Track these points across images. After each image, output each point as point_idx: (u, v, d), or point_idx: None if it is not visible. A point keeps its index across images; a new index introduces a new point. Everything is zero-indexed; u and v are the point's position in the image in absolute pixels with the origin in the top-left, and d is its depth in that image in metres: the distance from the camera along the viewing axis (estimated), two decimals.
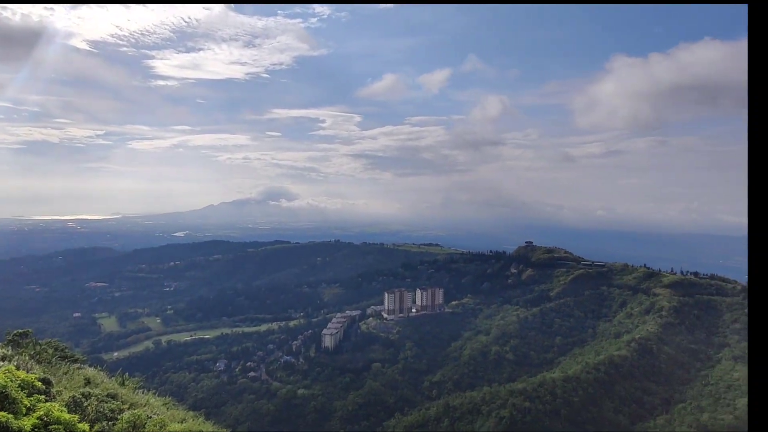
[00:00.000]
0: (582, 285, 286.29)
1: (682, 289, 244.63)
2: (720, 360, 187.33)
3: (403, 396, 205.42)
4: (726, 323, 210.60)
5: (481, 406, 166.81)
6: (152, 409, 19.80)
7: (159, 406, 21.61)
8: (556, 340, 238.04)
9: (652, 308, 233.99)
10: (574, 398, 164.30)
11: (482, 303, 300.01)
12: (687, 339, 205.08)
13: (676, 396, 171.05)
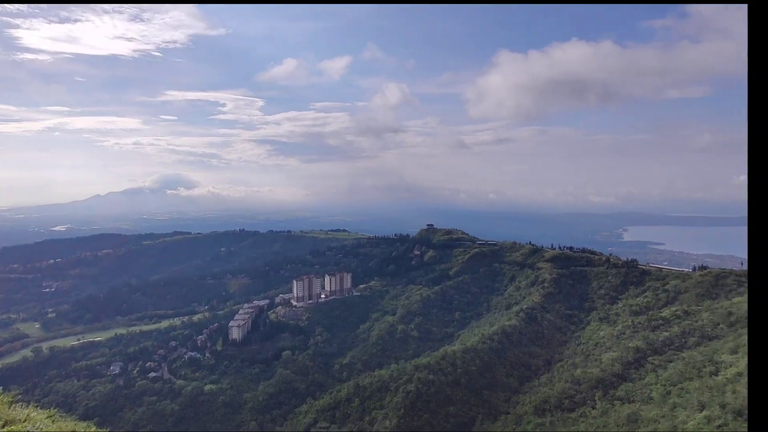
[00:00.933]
0: (477, 263, 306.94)
1: (560, 262, 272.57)
2: (589, 322, 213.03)
3: (315, 381, 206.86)
4: (594, 290, 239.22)
5: (389, 383, 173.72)
6: (33, 424, 18.34)
7: (42, 420, 20.00)
8: (455, 315, 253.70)
9: (537, 281, 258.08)
10: (472, 367, 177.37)
11: (388, 285, 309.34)
12: (564, 306, 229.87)
13: (556, 356, 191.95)
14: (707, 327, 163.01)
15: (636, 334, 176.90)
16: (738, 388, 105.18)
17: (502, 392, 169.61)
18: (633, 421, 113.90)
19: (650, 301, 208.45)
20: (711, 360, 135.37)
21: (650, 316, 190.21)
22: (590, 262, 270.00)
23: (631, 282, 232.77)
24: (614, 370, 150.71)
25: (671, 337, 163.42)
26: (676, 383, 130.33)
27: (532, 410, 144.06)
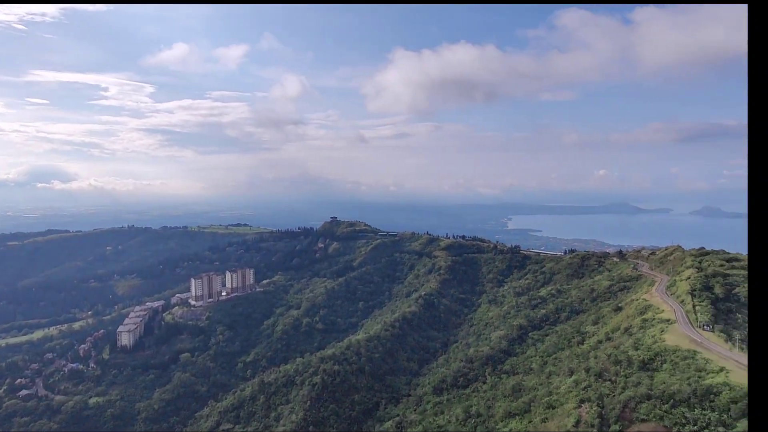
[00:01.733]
0: (379, 253, 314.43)
1: (454, 250, 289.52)
2: (480, 304, 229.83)
3: (217, 382, 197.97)
4: (483, 275, 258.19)
5: (295, 377, 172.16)
6: None
7: None
8: (359, 305, 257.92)
9: (434, 268, 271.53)
10: (376, 354, 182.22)
11: (293, 279, 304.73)
12: (458, 291, 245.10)
13: (452, 338, 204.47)
14: (575, 303, 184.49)
15: (519, 312, 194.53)
16: (599, 354, 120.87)
17: (404, 376, 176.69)
18: (517, 391, 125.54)
19: (530, 282, 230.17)
20: (578, 331, 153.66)
21: (531, 296, 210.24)
22: (480, 250, 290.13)
23: (515, 266, 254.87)
24: (501, 346, 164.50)
25: (547, 314, 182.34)
26: (551, 354, 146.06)
27: (431, 390, 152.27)
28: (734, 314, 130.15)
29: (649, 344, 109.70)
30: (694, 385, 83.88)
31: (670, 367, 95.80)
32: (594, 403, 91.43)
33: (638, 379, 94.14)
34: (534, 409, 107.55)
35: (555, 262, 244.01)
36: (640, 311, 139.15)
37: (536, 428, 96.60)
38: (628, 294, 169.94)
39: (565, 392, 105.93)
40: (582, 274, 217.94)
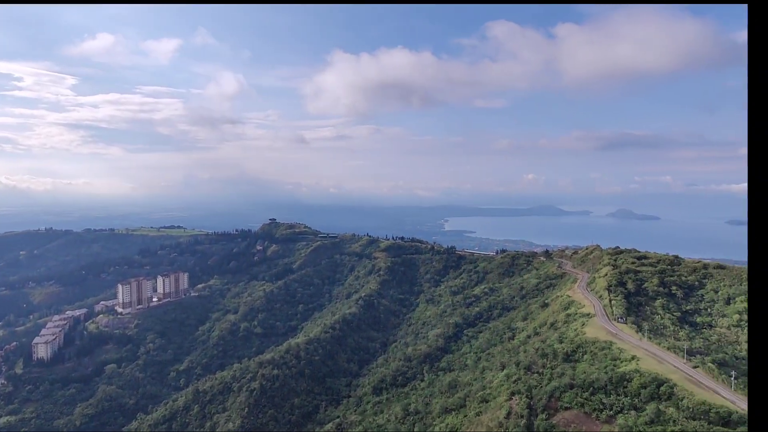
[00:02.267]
0: (320, 255, 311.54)
1: (393, 251, 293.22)
2: (418, 304, 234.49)
3: (147, 393, 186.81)
4: (422, 275, 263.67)
5: (232, 384, 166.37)
6: None
7: None
8: (299, 308, 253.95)
9: (374, 269, 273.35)
10: (316, 357, 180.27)
11: (230, 282, 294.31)
12: (397, 291, 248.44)
13: (391, 338, 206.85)
14: (506, 300, 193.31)
15: (455, 311, 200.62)
16: (528, 348, 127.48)
17: (344, 377, 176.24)
18: (453, 387, 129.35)
19: (465, 281, 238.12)
20: (509, 327, 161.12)
21: (465, 295, 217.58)
22: (418, 250, 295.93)
23: (451, 266, 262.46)
24: (438, 344, 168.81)
25: (481, 311, 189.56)
26: (485, 350, 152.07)
27: (371, 390, 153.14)
28: (644, 307, 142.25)
29: (572, 337, 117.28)
30: (610, 373, 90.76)
31: (590, 358, 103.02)
32: (523, 395, 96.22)
33: (562, 370, 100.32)
34: (469, 403, 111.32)
35: (488, 261, 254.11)
36: (564, 307, 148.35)
37: (471, 422, 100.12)
38: (553, 291, 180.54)
39: (498, 386, 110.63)
40: (512, 272, 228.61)
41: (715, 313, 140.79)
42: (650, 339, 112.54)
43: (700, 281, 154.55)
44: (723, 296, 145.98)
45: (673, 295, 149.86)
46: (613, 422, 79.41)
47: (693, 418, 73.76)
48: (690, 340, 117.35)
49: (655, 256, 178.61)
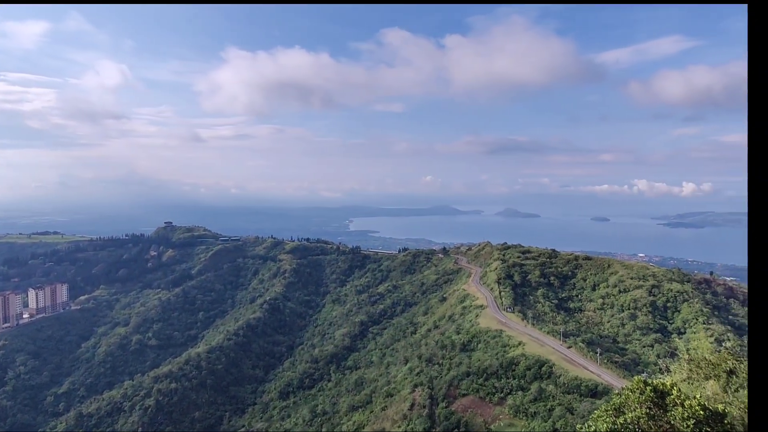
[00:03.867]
0: (221, 259, 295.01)
1: (299, 253, 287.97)
2: (325, 305, 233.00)
3: (17, 423, 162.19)
4: (328, 276, 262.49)
5: (123, 403, 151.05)
6: None
7: None
8: (199, 315, 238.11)
9: (279, 272, 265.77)
10: (218, 366, 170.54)
11: (119, 292, 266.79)
12: (303, 293, 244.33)
13: (297, 340, 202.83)
14: (408, 296, 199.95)
15: (360, 309, 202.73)
16: (428, 341, 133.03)
17: (250, 384, 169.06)
18: (359, 385, 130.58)
19: (370, 280, 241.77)
20: (411, 322, 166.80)
21: (370, 293, 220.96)
22: (324, 251, 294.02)
23: (356, 266, 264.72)
24: (344, 344, 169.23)
25: (385, 309, 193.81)
26: (389, 345, 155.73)
27: (278, 395, 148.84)
28: (528, 297, 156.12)
29: (468, 328, 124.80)
30: (501, 359, 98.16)
31: (484, 346, 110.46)
32: (425, 386, 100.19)
33: (460, 359, 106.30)
34: (375, 399, 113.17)
35: (391, 260, 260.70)
36: (461, 300, 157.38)
37: (377, 417, 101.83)
38: (451, 285, 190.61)
39: (401, 379, 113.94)
40: (414, 270, 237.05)
41: (584, 299, 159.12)
42: (534, 325, 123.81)
43: (572, 271, 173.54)
44: (590, 284, 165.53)
45: (551, 284, 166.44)
46: (504, 404, 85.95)
47: (568, 392, 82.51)
48: (565, 323, 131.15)
49: (537, 250, 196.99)
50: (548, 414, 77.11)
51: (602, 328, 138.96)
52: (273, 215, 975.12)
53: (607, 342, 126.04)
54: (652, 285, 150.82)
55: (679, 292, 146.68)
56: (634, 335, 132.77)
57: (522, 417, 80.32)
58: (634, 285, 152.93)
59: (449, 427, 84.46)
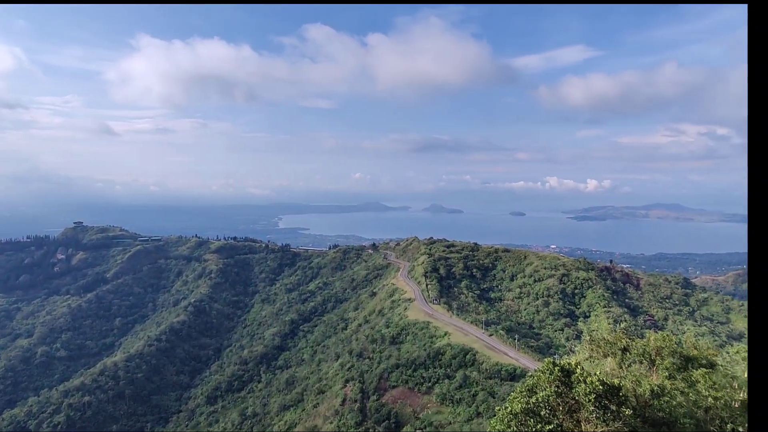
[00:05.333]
0: (140, 261, 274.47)
1: (225, 252, 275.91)
2: (254, 304, 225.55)
3: None
4: (256, 275, 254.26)
5: (28, 422, 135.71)
6: None
7: None
8: (116, 322, 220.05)
9: (204, 273, 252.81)
10: (138, 374, 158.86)
11: (21, 300, 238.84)
12: (230, 293, 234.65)
13: (225, 342, 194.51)
14: (339, 293, 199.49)
15: (291, 308, 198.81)
16: (359, 336, 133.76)
17: (174, 391, 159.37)
18: (291, 384, 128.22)
19: (300, 278, 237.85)
20: (342, 318, 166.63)
21: (301, 291, 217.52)
22: (252, 250, 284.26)
23: (286, 264, 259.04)
24: (275, 343, 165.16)
25: (316, 306, 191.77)
26: (320, 342, 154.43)
27: (205, 401, 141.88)
28: (453, 289, 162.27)
29: (397, 321, 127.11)
30: (428, 349, 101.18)
31: (412, 338, 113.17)
32: (356, 381, 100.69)
33: (390, 352, 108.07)
34: (307, 397, 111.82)
35: (321, 257, 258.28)
36: (390, 294, 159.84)
37: (309, 415, 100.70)
38: (380, 280, 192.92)
39: (333, 375, 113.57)
40: (344, 266, 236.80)
41: (504, 289, 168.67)
42: (458, 316, 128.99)
43: (492, 263, 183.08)
44: (509, 274, 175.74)
45: (474, 276, 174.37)
46: (431, 392, 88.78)
47: (490, 377, 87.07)
48: (487, 313, 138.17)
49: (460, 244, 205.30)
50: (472, 399, 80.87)
51: (520, 316, 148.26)
52: (197, 214, 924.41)
53: (524, 328, 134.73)
54: (562, 274, 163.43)
55: (584, 279, 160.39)
56: (547, 321, 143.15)
57: (448, 404, 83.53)
58: (547, 274, 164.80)
59: (380, 419, 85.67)
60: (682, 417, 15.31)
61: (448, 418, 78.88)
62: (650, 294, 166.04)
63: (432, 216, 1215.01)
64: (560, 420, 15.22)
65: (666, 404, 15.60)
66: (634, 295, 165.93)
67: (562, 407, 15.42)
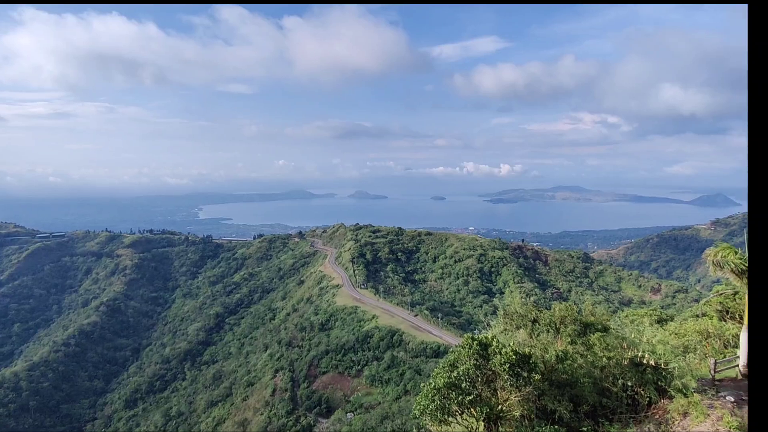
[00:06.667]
0: (40, 260, 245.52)
1: (141, 246, 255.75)
2: (175, 300, 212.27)
3: None
4: (176, 268, 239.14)
5: None
6: None
7: None
8: (14, 328, 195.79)
9: (117, 269, 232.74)
10: (44, 384, 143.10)
11: None
12: (149, 289, 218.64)
13: (144, 342, 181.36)
14: (266, 283, 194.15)
15: (215, 301, 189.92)
16: (288, 325, 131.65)
17: (87, 398, 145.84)
18: (218, 379, 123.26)
19: (224, 270, 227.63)
20: (270, 308, 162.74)
21: (225, 283, 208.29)
22: (171, 243, 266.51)
23: (208, 256, 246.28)
24: (199, 338, 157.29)
25: (242, 297, 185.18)
26: (248, 334, 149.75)
27: (123, 405, 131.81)
28: (379, 273, 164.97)
29: (325, 308, 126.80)
30: (357, 333, 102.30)
31: (341, 324, 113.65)
32: (287, 370, 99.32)
33: (319, 339, 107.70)
34: (235, 391, 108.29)
35: (246, 247, 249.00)
36: (318, 281, 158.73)
37: (238, 409, 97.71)
38: (308, 268, 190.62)
39: (262, 366, 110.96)
40: (270, 255, 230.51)
41: (427, 270, 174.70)
42: (385, 298, 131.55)
43: (416, 246, 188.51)
44: (431, 256, 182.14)
45: (399, 260, 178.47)
46: (361, 375, 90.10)
47: (416, 356, 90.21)
48: (412, 294, 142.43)
49: (386, 229, 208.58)
50: (400, 378, 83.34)
51: (443, 295, 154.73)
52: (107, 206, 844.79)
53: (446, 307, 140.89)
54: (480, 254, 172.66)
55: (500, 258, 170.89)
56: (467, 299, 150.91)
57: (378, 385, 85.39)
58: (467, 255, 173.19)
59: (311, 406, 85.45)
60: (582, 377, 16.83)
61: (378, 399, 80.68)
62: (557, 269, 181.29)
63: (357, 202, 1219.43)
64: (479, 390, 16.12)
65: (569, 367, 17.06)
66: (543, 270, 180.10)
67: (480, 378, 16.33)
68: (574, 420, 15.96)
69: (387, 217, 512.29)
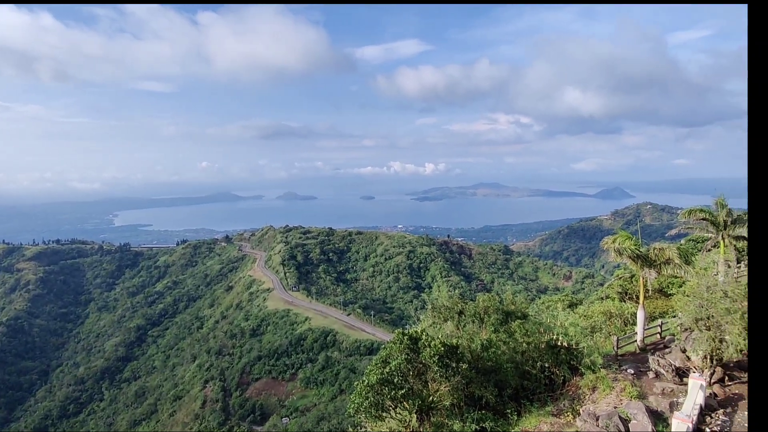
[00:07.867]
0: None
1: (47, 258, 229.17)
2: (88, 314, 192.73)
3: None
4: (90, 281, 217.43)
5: None
6: None
7: None
8: None
9: (18, 285, 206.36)
10: None
11: None
12: (57, 305, 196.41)
13: (54, 362, 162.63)
14: (192, 290, 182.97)
15: (135, 313, 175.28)
16: (217, 333, 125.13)
17: None
18: (141, 396, 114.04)
19: (145, 279, 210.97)
20: (197, 317, 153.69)
21: (147, 293, 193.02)
22: (82, 253, 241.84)
23: (126, 265, 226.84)
24: (118, 354, 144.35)
25: (166, 307, 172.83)
26: (173, 346, 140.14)
27: None
28: (311, 274, 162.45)
29: (256, 313, 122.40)
30: (290, 337, 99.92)
31: (273, 328, 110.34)
32: (217, 379, 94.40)
33: (251, 345, 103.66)
34: (161, 406, 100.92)
35: (168, 254, 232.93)
36: (247, 286, 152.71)
37: (165, 425, 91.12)
38: (236, 273, 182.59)
39: (191, 379, 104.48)
40: (195, 262, 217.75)
41: (359, 269, 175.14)
42: (318, 300, 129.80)
43: (347, 246, 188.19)
44: (362, 255, 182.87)
45: (330, 260, 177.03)
46: (295, 378, 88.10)
47: (350, 355, 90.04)
48: (344, 294, 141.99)
49: (316, 230, 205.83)
50: (335, 378, 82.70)
51: (374, 293, 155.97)
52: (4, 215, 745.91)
53: (378, 304, 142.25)
54: (409, 251, 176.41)
55: (428, 254, 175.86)
56: (398, 295, 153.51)
57: (313, 387, 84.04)
58: (396, 252, 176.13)
59: (244, 415, 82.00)
60: (505, 363, 17.73)
61: (314, 401, 79.42)
62: (480, 262, 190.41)
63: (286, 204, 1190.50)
64: (411, 384, 16.37)
65: (493, 354, 17.89)
66: (467, 264, 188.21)
67: (412, 372, 16.59)
68: (500, 404, 16.79)
69: (317, 217, 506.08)
